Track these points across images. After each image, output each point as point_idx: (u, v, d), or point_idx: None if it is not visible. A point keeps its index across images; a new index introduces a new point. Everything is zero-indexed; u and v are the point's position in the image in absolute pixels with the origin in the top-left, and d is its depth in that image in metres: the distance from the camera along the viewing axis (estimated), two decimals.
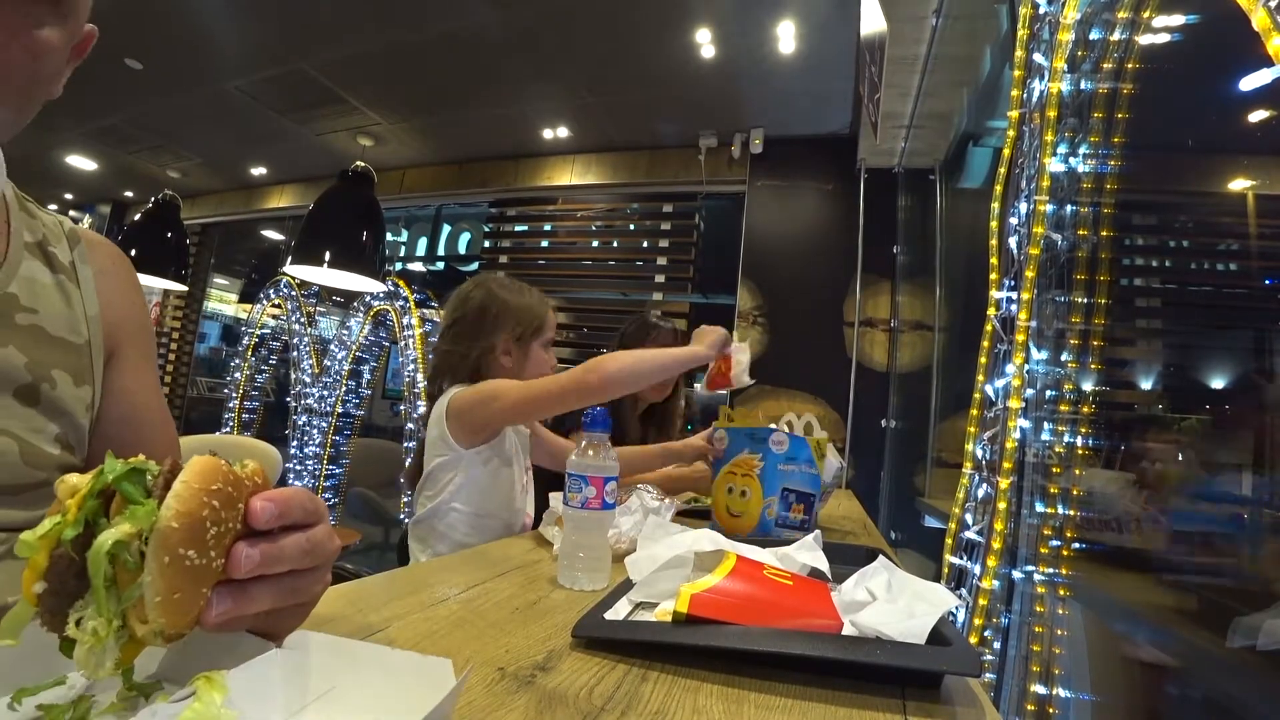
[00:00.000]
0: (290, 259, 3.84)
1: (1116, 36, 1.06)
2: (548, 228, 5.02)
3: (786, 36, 3.32)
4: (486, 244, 5.22)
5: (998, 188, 1.41)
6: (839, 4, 3.06)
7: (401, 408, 4.59)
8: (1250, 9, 0.56)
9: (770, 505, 1.27)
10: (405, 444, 4.54)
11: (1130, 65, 1.07)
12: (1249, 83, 0.57)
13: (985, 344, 1.39)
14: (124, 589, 0.37)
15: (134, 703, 0.42)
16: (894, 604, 0.72)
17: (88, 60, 0.66)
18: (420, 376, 4.33)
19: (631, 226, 4.79)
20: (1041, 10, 1.22)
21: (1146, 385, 1.27)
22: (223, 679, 0.37)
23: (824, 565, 0.85)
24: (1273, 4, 0.53)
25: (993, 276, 1.37)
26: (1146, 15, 1.01)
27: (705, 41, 3.41)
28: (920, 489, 3.49)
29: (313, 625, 0.47)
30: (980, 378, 1.40)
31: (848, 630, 0.66)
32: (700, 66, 3.63)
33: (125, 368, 0.74)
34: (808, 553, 0.87)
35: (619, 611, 0.70)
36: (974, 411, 1.42)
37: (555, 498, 1.12)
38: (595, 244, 4.87)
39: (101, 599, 0.36)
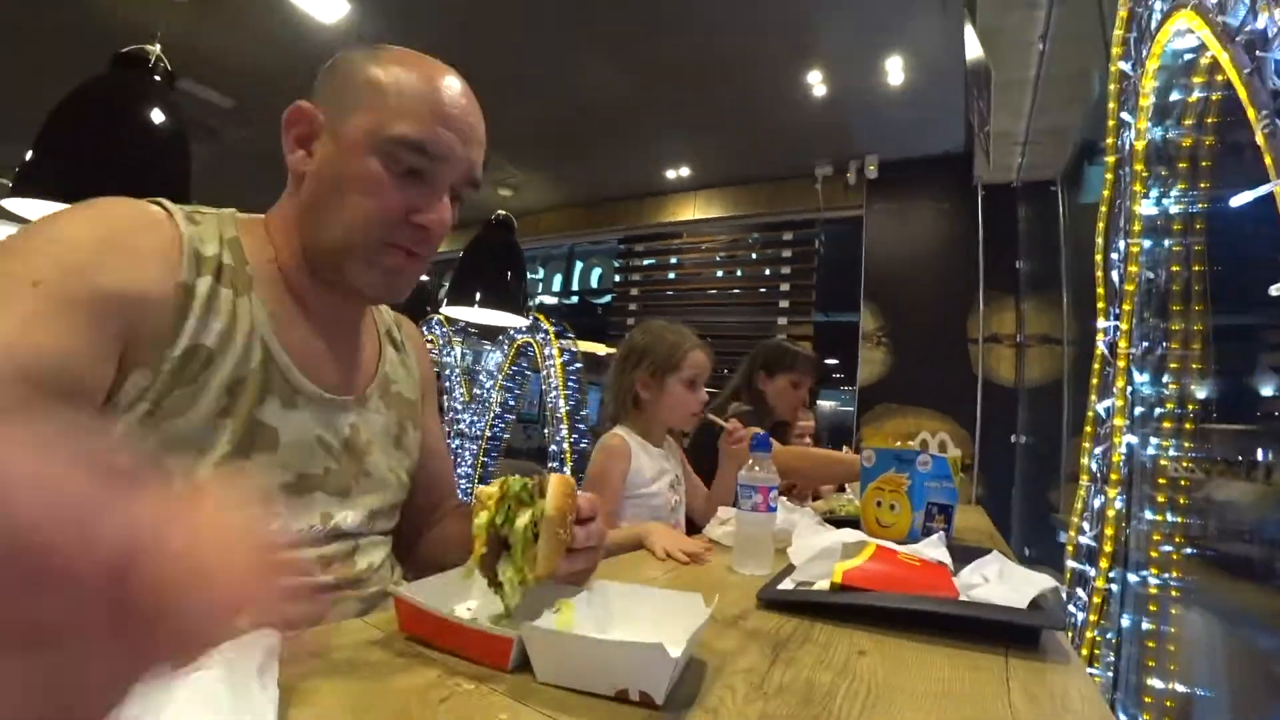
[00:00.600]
0: (445, 301, 4.32)
1: (1195, 96, 1.21)
2: (674, 260, 5.36)
3: (895, 70, 3.48)
4: (617, 278, 5.61)
5: (1100, 224, 1.56)
6: (944, 36, 3.19)
7: (545, 430, 5.01)
8: (1254, 123, 0.75)
9: (917, 518, 1.46)
10: (549, 464, 4.94)
11: (1210, 120, 1.22)
12: (1241, 200, 0.73)
13: (1095, 366, 1.54)
14: (526, 552, 0.66)
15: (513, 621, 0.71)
16: (1004, 585, 0.92)
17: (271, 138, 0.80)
18: (562, 403, 4.73)
19: (754, 255, 5.04)
20: (1126, 73, 1.38)
21: (1237, 402, 1.38)
22: (571, 602, 0.66)
23: (946, 559, 1.06)
24: (1267, 128, 0.72)
25: (1099, 305, 1.52)
26: (1220, 79, 1.16)
27: (816, 82, 3.63)
28: (1055, 505, 3.47)
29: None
30: (1093, 397, 1.55)
31: (964, 599, 0.88)
32: (813, 104, 3.85)
33: (427, 411, 1.01)
34: (932, 550, 1.08)
35: (787, 586, 0.95)
36: (1088, 429, 1.56)
37: (724, 509, 1.39)
38: (720, 273, 5.16)
39: (518, 557, 0.66)
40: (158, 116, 2.34)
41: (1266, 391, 1.35)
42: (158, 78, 2.43)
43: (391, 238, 0.73)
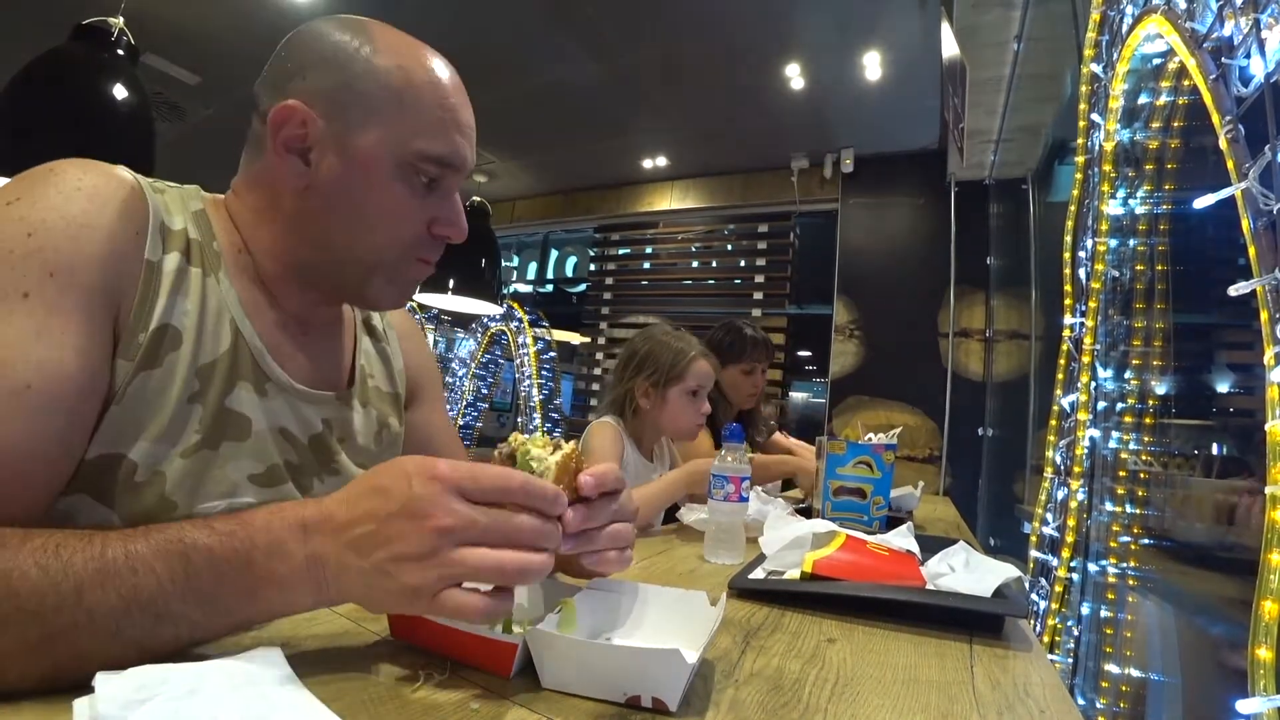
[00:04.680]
0: (419, 288, 4.26)
1: (1162, 100, 1.24)
2: (649, 250, 5.35)
3: (872, 65, 3.50)
4: (592, 267, 5.60)
5: (1069, 223, 1.60)
6: (923, 33, 3.22)
7: (520, 419, 5.00)
8: (1218, 128, 0.76)
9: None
10: None
11: (1176, 123, 1.25)
12: (1203, 202, 0.76)
13: (1061, 361, 1.58)
14: None
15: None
16: (970, 575, 0.95)
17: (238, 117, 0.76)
18: (535, 392, 4.72)
19: (729, 247, 5.05)
20: (1098, 75, 1.41)
21: (1195, 399, 1.42)
22: (572, 603, 0.63)
23: (914, 548, 1.08)
24: (1230, 133, 0.74)
25: (1066, 302, 1.56)
26: (1187, 84, 1.18)
27: (794, 75, 3.63)
28: (1020, 496, 3.55)
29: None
30: (1058, 391, 1.59)
31: (931, 588, 0.90)
32: (791, 97, 3.86)
33: (423, 405, 0.95)
34: (900, 539, 1.10)
35: (758, 575, 0.96)
36: (1053, 422, 1.60)
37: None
38: (695, 264, 5.16)
39: None
40: (120, 91, 2.27)
41: (1223, 388, 1.39)
42: (120, 51, 2.35)
43: (415, 253, 0.72)
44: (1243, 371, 1.30)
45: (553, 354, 4.86)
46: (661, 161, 4.97)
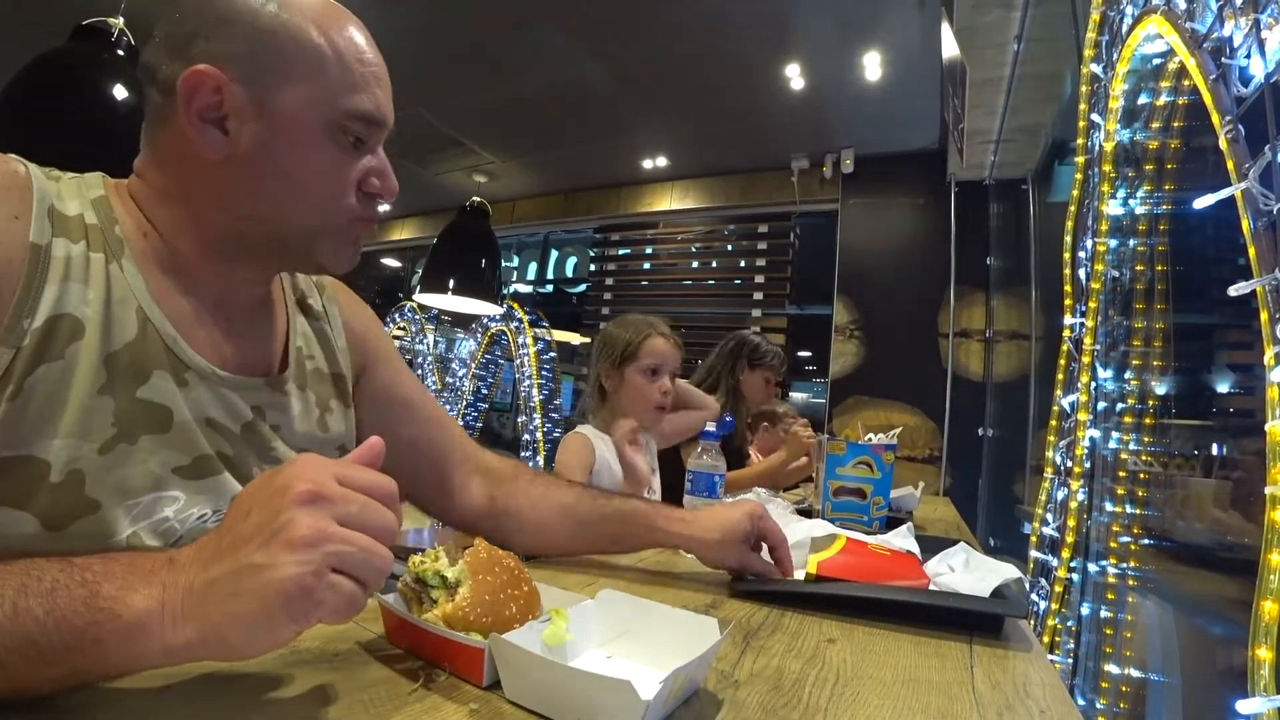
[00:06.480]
0: (419, 288, 4.27)
1: (1162, 100, 1.24)
2: (649, 250, 5.36)
3: (872, 65, 3.50)
4: (593, 267, 5.60)
5: (1069, 223, 1.60)
6: (922, 33, 3.22)
7: (519, 419, 4.99)
8: (1218, 128, 0.77)
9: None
10: (522, 454, 4.93)
11: (1176, 124, 1.25)
12: (1203, 202, 0.76)
13: (1061, 362, 1.58)
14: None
15: None
16: (970, 575, 0.95)
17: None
18: (535, 392, 4.72)
19: (729, 247, 5.06)
20: (1097, 75, 1.41)
21: (1195, 399, 1.42)
22: (565, 612, 0.61)
23: (915, 548, 1.08)
24: (1230, 133, 0.74)
25: (1066, 303, 1.56)
26: (1187, 84, 1.19)
27: (794, 75, 3.64)
28: (1020, 496, 3.55)
29: (549, 581, 0.75)
30: (1058, 392, 1.59)
31: (931, 588, 0.90)
32: (791, 97, 3.86)
33: (377, 370, 0.90)
34: (901, 540, 1.10)
35: None
36: (1053, 422, 1.60)
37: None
38: (695, 264, 5.17)
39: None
40: (120, 92, 2.27)
41: (1223, 389, 1.40)
42: (120, 51, 2.35)
43: (354, 214, 0.69)
44: (1243, 371, 1.31)
45: (553, 354, 4.86)
46: (661, 162, 4.98)
